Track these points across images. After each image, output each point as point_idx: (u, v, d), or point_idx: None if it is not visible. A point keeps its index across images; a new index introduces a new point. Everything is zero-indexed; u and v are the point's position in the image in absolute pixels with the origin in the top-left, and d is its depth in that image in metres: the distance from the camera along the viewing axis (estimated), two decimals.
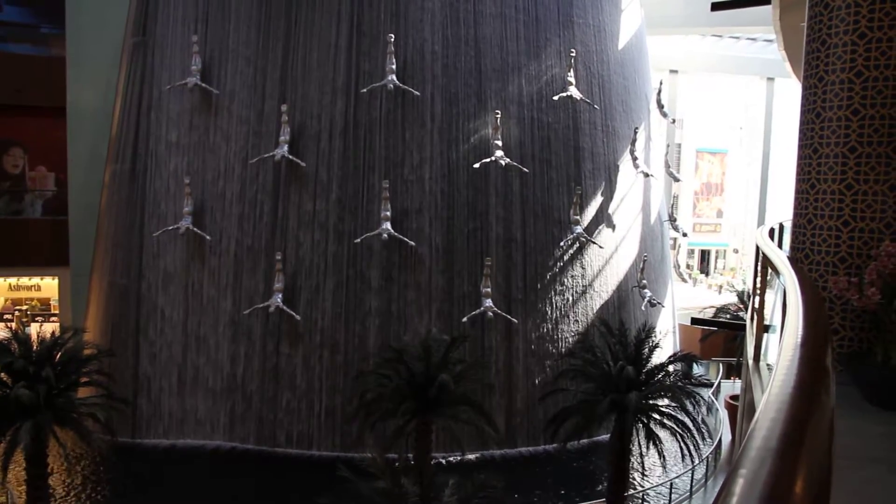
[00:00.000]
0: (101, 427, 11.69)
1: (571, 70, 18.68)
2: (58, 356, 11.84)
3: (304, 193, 17.96)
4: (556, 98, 18.44)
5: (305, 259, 17.83)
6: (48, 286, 23.61)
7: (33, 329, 19.67)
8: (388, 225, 17.13)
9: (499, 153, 17.60)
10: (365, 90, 17.62)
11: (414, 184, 17.82)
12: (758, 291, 6.78)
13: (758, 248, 6.95)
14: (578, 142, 19.06)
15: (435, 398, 12.22)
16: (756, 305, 6.79)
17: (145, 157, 19.02)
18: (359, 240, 17.36)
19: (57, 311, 22.53)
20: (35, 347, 11.78)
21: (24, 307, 23.82)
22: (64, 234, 20.50)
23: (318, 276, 17.78)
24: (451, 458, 16.43)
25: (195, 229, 18.09)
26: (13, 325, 22.59)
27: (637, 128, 20.35)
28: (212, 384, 18.32)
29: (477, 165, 17.59)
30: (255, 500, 15.15)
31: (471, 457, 16.41)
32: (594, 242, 18.88)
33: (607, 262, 19.43)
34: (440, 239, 17.82)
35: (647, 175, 20.72)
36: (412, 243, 17.38)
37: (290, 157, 17.59)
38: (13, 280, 23.71)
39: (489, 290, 17.47)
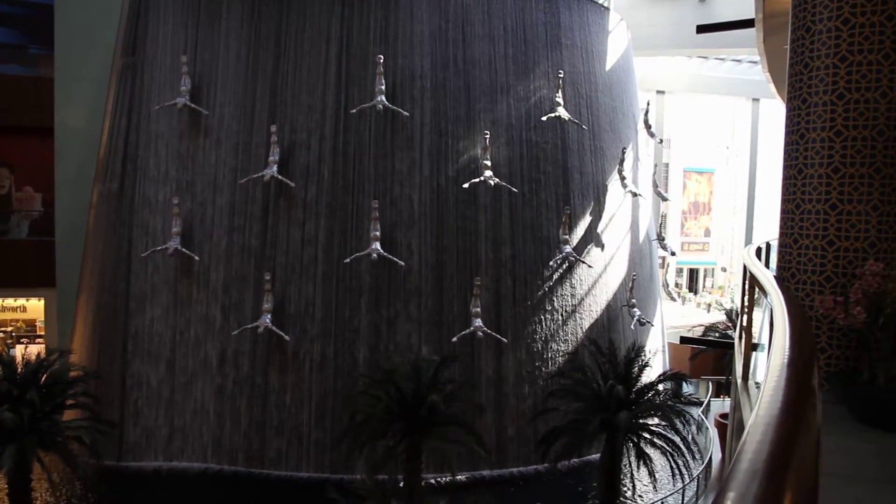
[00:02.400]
0: (87, 450, 11.53)
1: (559, 91, 18.88)
2: (43, 378, 11.71)
3: (293, 213, 17.95)
4: (544, 119, 18.61)
5: (294, 279, 17.78)
6: (34, 307, 23.33)
7: (18, 351, 19.40)
8: (377, 245, 17.14)
9: (488, 173, 17.70)
10: (354, 111, 17.72)
11: (403, 203, 17.86)
12: (745, 310, 6.83)
13: (745, 268, 7.02)
14: (567, 162, 19.22)
15: (425, 419, 12.16)
16: (744, 324, 6.83)
17: (133, 177, 18.96)
18: (348, 259, 17.34)
19: (43, 333, 22.24)
20: (20, 370, 11.64)
21: (9, 328, 23.51)
22: (50, 255, 20.31)
23: (307, 296, 17.72)
24: (441, 479, 16.27)
25: (183, 249, 18.00)
26: None
27: (625, 148, 20.55)
28: (199, 405, 18.11)
29: (466, 185, 17.67)
30: None
31: (461, 477, 16.26)
32: (583, 262, 18.97)
33: (596, 281, 19.50)
34: (430, 259, 17.84)
35: (635, 195, 20.90)
36: (402, 263, 17.37)
37: (280, 177, 17.60)
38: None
39: (479, 309, 17.46)
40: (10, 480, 10.82)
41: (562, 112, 18.68)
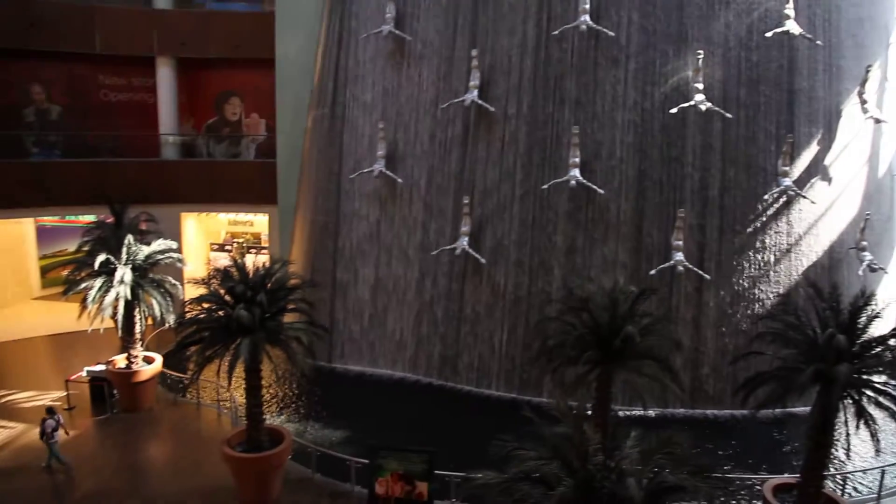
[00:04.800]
0: (304, 349, 12.85)
1: (790, 1, 16.61)
2: (269, 284, 13.09)
3: (492, 138, 18.00)
4: (769, 35, 16.54)
5: (492, 203, 18.01)
6: (260, 222, 26.20)
7: (248, 259, 22.07)
8: (576, 172, 16.72)
9: (699, 97, 16.31)
10: (556, 32, 17.08)
11: (605, 129, 17.11)
12: None
13: None
14: (793, 83, 17.05)
15: (619, 350, 11.86)
16: None
17: (343, 103, 20.14)
18: (546, 186, 17.15)
19: (267, 245, 24.99)
20: (251, 275, 13.13)
21: (241, 240, 26.75)
22: (273, 175, 22.46)
23: (504, 220, 17.90)
24: (629, 413, 16.05)
25: (387, 172, 18.97)
26: (233, 255, 25.53)
27: (870, 66, 17.63)
28: (399, 319, 19.40)
29: (674, 111, 16.47)
30: (436, 429, 15.91)
31: (651, 413, 15.92)
32: (805, 197, 17.00)
33: (819, 219, 17.40)
34: (631, 187, 17.05)
35: (878, 121, 17.99)
36: (601, 191, 16.82)
37: (480, 102, 17.67)
38: (232, 216, 26.61)
39: (680, 242, 16.52)
40: (247, 368, 12.49)
41: (791, 26, 16.47)
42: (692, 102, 16.29)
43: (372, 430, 15.11)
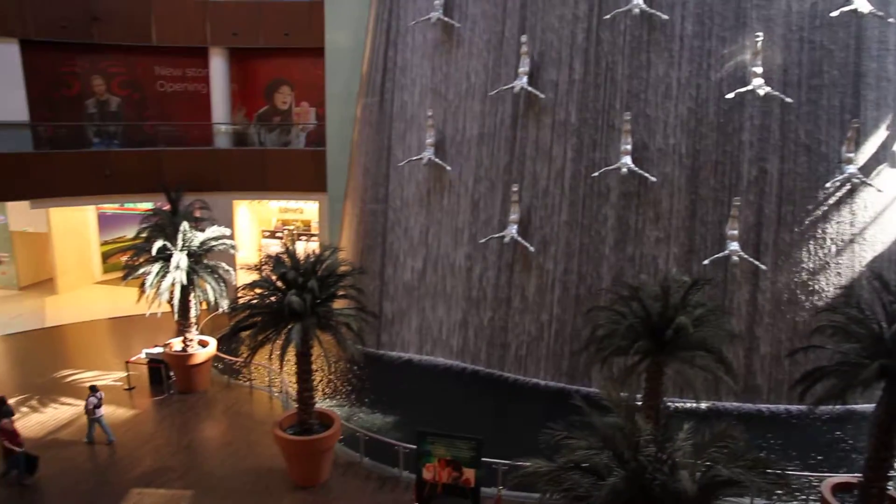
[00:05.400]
0: (354, 335, 13.01)
1: None
2: (320, 271, 13.26)
3: (542, 125, 17.81)
4: (835, 14, 15.84)
5: (541, 191, 17.84)
6: (310, 209, 26.56)
7: (299, 247, 22.38)
8: (627, 159, 16.42)
9: (757, 81, 15.77)
10: (608, 16, 16.74)
11: (658, 116, 16.74)
12: None
13: None
14: (860, 65, 16.28)
15: (670, 340, 11.63)
16: None
17: (392, 91, 20.20)
18: (597, 174, 16.89)
19: (317, 232, 25.33)
20: (302, 262, 13.32)
21: (291, 227, 27.18)
22: (323, 163, 22.71)
23: (553, 209, 17.73)
24: (680, 405, 15.76)
25: (436, 160, 18.97)
26: (284, 241, 25.98)
27: None
28: (447, 307, 19.46)
29: (731, 95, 15.97)
30: (483, 417, 15.95)
31: (702, 406, 15.60)
32: (871, 185, 16.27)
33: (887, 208, 16.65)
34: (684, 175, 16.65)
35: None
36: (653, 179, 16.48)
37: (529, 88, 17.48)
38: (282, 204, 27.05)
39: (736, 232, 16.06)
40: (298, 353, 12.72)
41: (860, 4, 15.71)
42: (750, 87, 15.78)
43: (419, 417, 15.22)
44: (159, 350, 17.77)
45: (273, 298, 12.92)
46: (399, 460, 13.32)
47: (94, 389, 14.79)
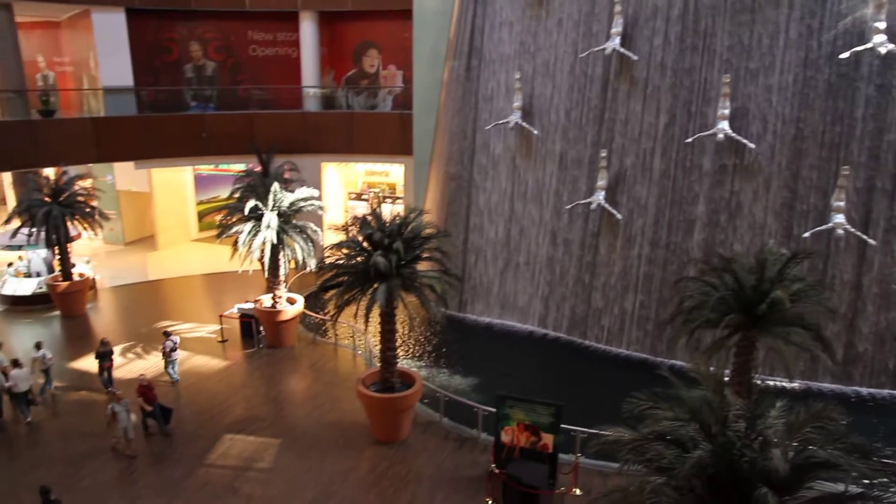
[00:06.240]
0: (437, 297, 13.12)
1: None
2: (405, 232, 13.39)
3: (633, 89, 17.15)
4: None
5: (631, 157, 17.27)
6: (395, 172, 26.83)
7: (384, 209, 22.75)
8: (725, 124, 15.58)
9: (878, 38, 14.45)
10: None
11: (760, 78, 15.73)
12: None
13: None
14: None
15: (764, 315, 11.11)
16: None
17: (480, 53, 19.91)
18: (691, 139, 16.16)
19: (402, 195, 25.61)
20: (388, 224, 13.48)
21: (377, 189, 27.58)
22: (409, 126, 22.79)
23: (643, 175, 17.14)
24: (770, 382, 15.10)
25: (524, 123, 18.66)
26: (370, 203, 26.46)
27: None
28: (530, 273, 19.32)
29: (846, 55, 14.77)
30: (563, 383, 15.85)
31: (795, 385, 14.91)
32: None
33: None
34: (787, 142, 15.65)
35: None
36: (752, 145, 15.60)
37: (622, 50, 16.82)
38: (368, 166, 27.44)
39: (842, 204, 15.01)
40: (382, 312, 12.96)
41: None
42: (869, 45, 14.51)
43: (499, 380, 15.30)
44: (250, 306, 18.57)
45: (359, 259, 13.16)
46: (478, 422, 13.47)
47: (167, 335, 15.88)
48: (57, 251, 20.37)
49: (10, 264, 22.42)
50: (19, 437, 13.87)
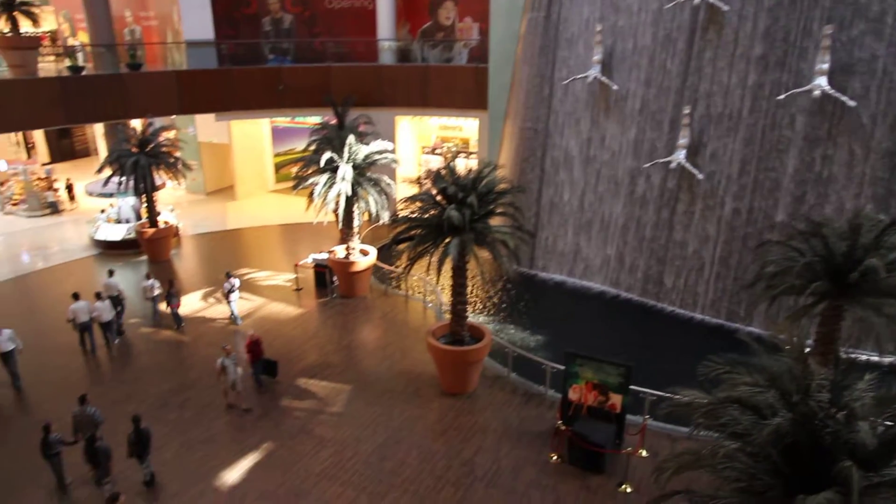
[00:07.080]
0: (509, 253, 13.06)
1: None
2: (479, 187, 13.30)
3: (722, 41, 16.23)
4: None
5: (716, 115, 16.47)
6: (468, 127, 26.62)
7: (459, 163, 22.63)
8: (823, 80, 14.56)
9: None
10: None
11: (865, 28, 14.56)
12: None
13: None
14: None
15: (855, 284, 10.54)
16: None
17: (559, 6, 19.25)
18: (783, 96, 15.23)
19: (476, 149, 25.42)
20: (462, 178, 13.42)
21: (450, 144, 27.48)
22: (484, 81, 22.42)
23: (728, 134, 16.35)
24: (855, 356, 14.37)
25: (603, 78, 18.05)
26: (444, 157, 26.43)
27: None
28: (604, 232, 18.94)
29: None
30: (634, 345, 15.61)
31: (884, 360, 14.16)
32: None
33: None
34: (891, 101, 14.54)
35: None
36: (852, 103, 14.54)
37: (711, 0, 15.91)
38: (442, 121, 27.30)
39: None
40: (454, 266, 13.03)
41: None
42: None
43: (569, 338, 15.19)
44: (324, 256, 19.03)
45: (432, 212, 13.21)
46: (546, 378, 13.49)
47: (228, 275, 16.70)
48: (144, 199, 21.36)
49: (102, 211, 23.70)
50: (110, 361, 14.96)
